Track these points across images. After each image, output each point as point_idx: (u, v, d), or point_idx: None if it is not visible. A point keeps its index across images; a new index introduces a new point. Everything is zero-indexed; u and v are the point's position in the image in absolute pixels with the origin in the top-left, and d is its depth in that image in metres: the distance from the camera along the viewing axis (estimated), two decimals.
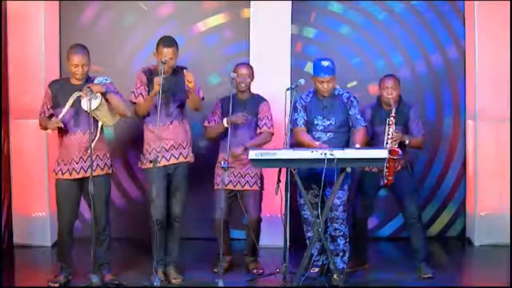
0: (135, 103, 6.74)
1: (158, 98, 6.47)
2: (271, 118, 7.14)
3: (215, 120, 7.13)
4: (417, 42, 8.53)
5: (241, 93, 7.10)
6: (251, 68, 7.20)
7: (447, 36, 8.52)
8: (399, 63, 8.54)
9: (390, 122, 6.87)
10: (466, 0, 8.37)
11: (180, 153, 6.79)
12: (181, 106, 6.81)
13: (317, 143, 6.69)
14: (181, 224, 6.85)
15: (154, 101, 6.57)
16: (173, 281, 6.77)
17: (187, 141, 6.84)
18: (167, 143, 6.75)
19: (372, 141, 7.05)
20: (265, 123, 7.09)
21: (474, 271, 7.69)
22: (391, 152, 6.77)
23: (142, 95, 6.69)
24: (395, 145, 6.84)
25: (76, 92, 6.46)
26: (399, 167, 6.99)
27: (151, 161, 6.61)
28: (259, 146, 6.93)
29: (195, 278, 6.93)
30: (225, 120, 6.96)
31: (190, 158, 6.84)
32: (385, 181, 6.89)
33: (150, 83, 6.66)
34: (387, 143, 6.83)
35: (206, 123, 7.18)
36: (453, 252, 8.21)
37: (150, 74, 6.71)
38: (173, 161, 6.76)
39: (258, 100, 7.17)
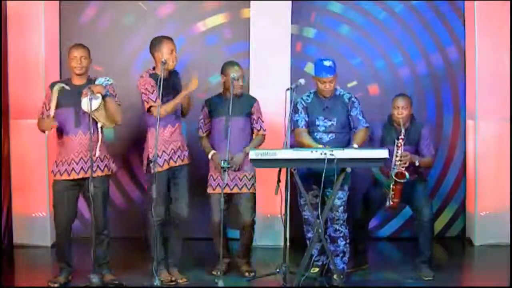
0: (149, 109, 6.60)
1: (160, 99, 6.47)
2: (262, 118, 7.08)
3: (203, 129, 7.07)
4: (417, 42, 8.52)
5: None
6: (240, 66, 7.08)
7: (447, 36, 8.52)
8: (399, 63, 8.53)
9: (399, 144, 6.81)
10: (466, 0, 8.37)
11: (184, 155, 6.80)
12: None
13: (319, 146, 6.66)
14: (185, 225, 6.86)
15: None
16: (180, 281, 6.78)
17: (185, 143, 6.87)
18: (176, 145, 6.76)
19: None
20: (261, 126, 7.05)
21: (474, 271, 7.69)
22: (397, 175, 6.75)
23: (156, 97, 6.60)
24: (403, 167, 6.80)
25: (58, 84, 6.47)
26: (412, 180, 6.92)
27: (150, 161, 6.60)
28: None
29: (195, 278, 6.93)
30: (211, 153, 6.95)
31: (187, 160, 6.87)
32: (391, 203, 6.88)
33: (158, 87, 6.54)
34: (395, 164, 6.80)
35: (200, 133, 7.09)
36: (453, 252, 8.20)
37: (156, 78, 6.58)
38: (179, 162, 6.77)
39: (250, 99, 7.10)
